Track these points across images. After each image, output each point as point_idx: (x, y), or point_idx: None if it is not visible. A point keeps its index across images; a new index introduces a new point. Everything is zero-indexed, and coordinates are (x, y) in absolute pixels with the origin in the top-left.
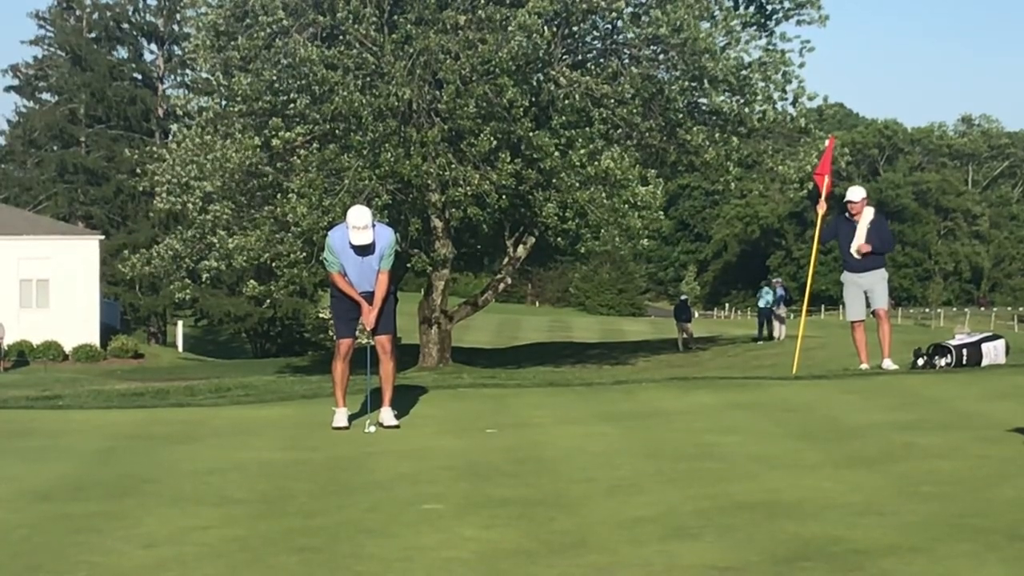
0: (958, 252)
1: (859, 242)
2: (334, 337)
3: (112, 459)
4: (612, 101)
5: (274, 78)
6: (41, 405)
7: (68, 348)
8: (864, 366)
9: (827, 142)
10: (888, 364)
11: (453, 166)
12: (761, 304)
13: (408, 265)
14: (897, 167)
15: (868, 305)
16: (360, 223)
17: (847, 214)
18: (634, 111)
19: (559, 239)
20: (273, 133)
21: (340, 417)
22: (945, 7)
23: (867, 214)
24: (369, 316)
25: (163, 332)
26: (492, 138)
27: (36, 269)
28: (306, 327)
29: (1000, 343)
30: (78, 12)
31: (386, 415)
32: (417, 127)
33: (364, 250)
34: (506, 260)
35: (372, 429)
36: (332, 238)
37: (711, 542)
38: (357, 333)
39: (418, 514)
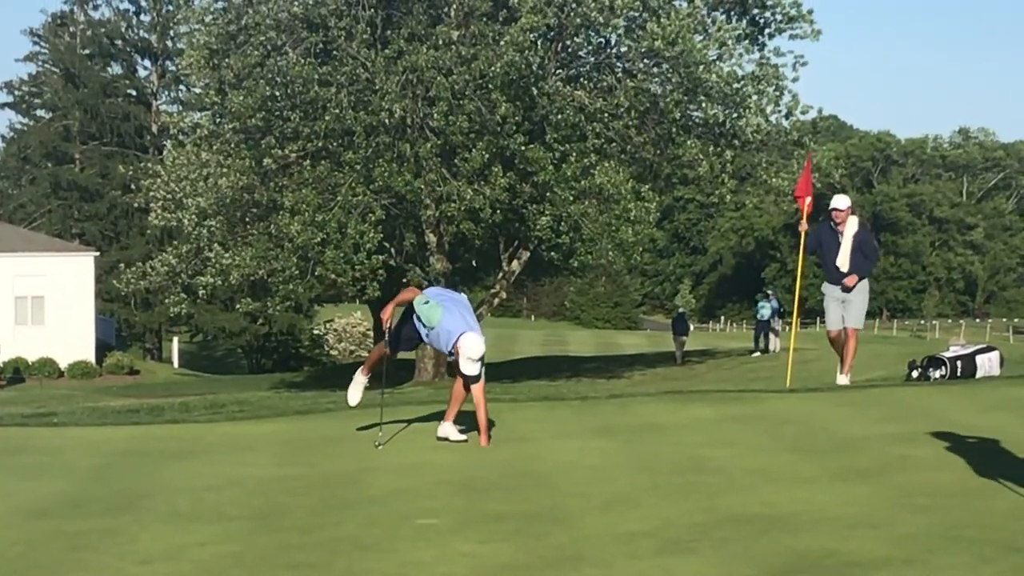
0: (952, 262)
1: (843, 259)
2: (385, 343)
3: (107, 476)
4: (606, 115)
5: (267, 94)
6: (36, 422)
7: (63, 365)
8: (844, 377)
9: (805, 160)
10: (842, 380)
11: (446, 181)
12: (765, 315)
13: (404, 280)
14: (891, 179)
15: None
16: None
17: (832, 223)
18: (629, 124)
19: (553, 253)
20: (267, 150)
21: (359, 385)
22: (938, 19)
23: (851, 224)
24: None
25: (159, 348)
26: (485, 153)
27: (31, 286)
28: (301, 342)
29: (995, 355)
30: (72, 29)
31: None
32: (410, 142)
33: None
34: (501, 274)
35: (380, 447)
36: (442, 320)
37: (706, 556)
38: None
39: (414, 529)
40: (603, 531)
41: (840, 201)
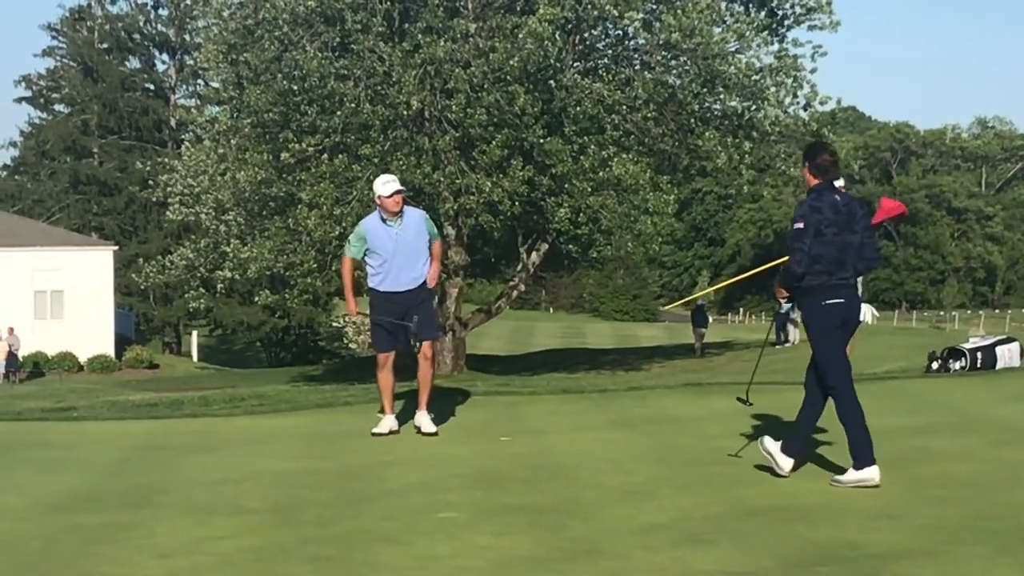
0: (971, 252)
1: None
2: (373, 348)
3: (126, 470)
4: (624, 107)
5: (284, 89)
6: (56, 416)
7: (83, 359)
8: None
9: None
10: None
11: (465, 173)
12: (785, 306)
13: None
14: (910, 170)
15: None
16: (390, 178)
17: None
18: (647, 116)
19: (571, 245)
20: (284, 144)
21: (385, 423)
22: (957, 9)
23: None
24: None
25: (177, 342)
26: (504, 147)
27: (50, 280)
28: (320, 336)
29: (1015, 346)
30: (90, 23)
31: (425, 421)
32: (428, 135)
33: (397, 214)
34: (520, 267)
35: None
36: (365, 224)
37: (724, 548)
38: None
39: (432, 522)
40: (620, 523)
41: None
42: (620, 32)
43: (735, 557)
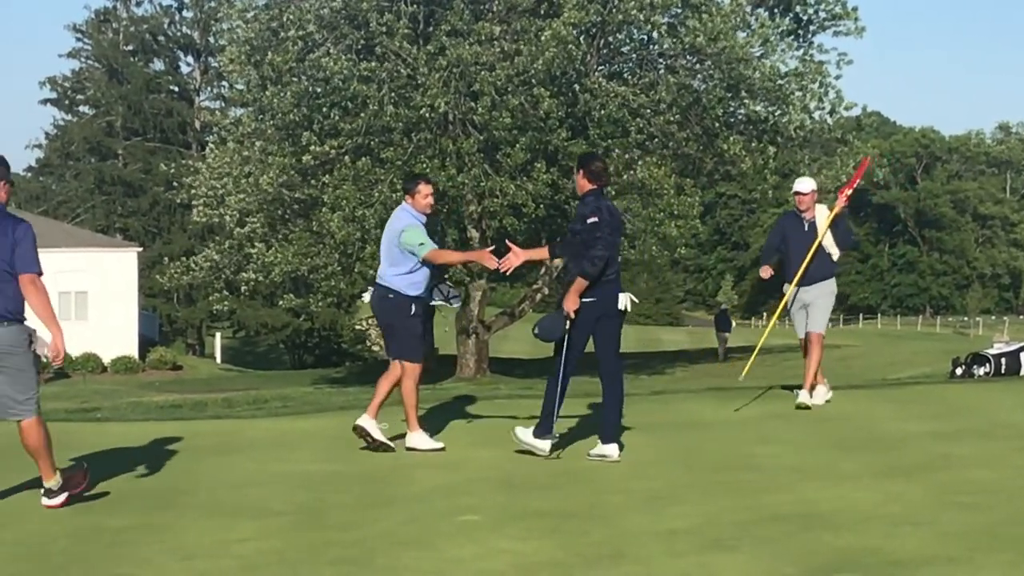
0: (996, 258)
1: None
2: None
3: (150, 471)
4: (648, 111)
5: (307, 91)
6: (79, 418)
7: (107, 360)
8: (806, 394)
9: (862, 161)
10: (804, 397)
11: (489, 176)
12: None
13: (445, 276)
14: (935, 176)
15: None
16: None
17: (796, 211)
18: (671, 120)
19: None
20: (306, 147)
21: (430, 439)
22: (981, 15)
23: (820, 211)
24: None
25: (201, 344)
26: (528, 150)
27: (74, 281)
28: (343, 338)
29: None
30: (115, 25)
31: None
32: (452, 138)
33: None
34: (543, 270)
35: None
36: (417, 218)
37: (748, 553)
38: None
39: (454, 526)
40: (644, 528)
41: (803, 184)
42: (644, 36)
43: (759, 563)
